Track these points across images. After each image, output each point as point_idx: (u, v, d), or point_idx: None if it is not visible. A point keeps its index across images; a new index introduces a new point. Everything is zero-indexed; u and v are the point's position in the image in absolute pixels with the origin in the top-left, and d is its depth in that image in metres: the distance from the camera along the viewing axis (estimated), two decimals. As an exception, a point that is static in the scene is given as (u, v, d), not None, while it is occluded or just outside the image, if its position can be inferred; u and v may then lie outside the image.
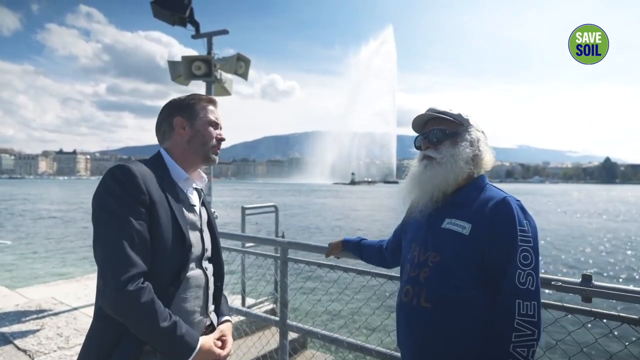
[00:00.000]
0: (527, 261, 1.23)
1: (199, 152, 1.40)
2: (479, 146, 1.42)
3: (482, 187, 1.39)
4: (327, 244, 2.18)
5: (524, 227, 1.25)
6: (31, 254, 13.02)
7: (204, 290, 1.37)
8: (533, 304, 1.20)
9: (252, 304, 4.33)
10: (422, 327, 1.34)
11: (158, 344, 1.17)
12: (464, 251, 1.29)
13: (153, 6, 4.90)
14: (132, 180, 1.20)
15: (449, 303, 1.29)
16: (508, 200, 1.29)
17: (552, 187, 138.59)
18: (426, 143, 1.45)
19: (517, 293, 1.20)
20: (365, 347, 2.24)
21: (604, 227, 22.33)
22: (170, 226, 1.24)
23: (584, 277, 1.55)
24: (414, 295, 1.37)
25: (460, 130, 1.42)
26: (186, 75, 4.97)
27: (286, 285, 2.60)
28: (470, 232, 1.29)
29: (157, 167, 1.33)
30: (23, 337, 3.52)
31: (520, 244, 1.23)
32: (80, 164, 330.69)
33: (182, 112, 1.40)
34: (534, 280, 1.22)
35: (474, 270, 1.28)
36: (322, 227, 21.04)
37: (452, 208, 1.37)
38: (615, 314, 1.53)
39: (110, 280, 1.11)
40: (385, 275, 2.20)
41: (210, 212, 1.53)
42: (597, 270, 11.58)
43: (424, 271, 1.36)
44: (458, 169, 1.38)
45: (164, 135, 1.42)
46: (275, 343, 3.22)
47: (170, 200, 1.27)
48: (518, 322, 1.18)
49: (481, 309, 1.26)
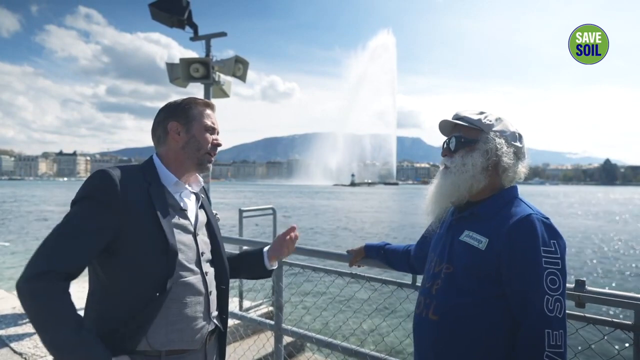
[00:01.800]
0: (555, 285, 1.15)
1: (193, 157, 1.39)
2: (498, 154, 1.30)
3: (508, 201, 1.30)
4: (346, 251, 2.07)
5: (550, 248, 1.17)
6: (29, 256, 12.99)
7: (204, 295, 1.36)
8: (561, 333, 1.13)
9: (249, 306, 4.32)
10: (428, 340, 1.31)
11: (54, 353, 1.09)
12: (477, 265, 1.24)
13: (151, 8, 4.90)
14: (107, 186, 1.20)
15: (456, 317, 1.25)
16: (532, 218, 1.20)
17: (552, 189, 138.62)
18: (445, 150, 1.40)
19: (546, 322, 1.13)
20: (360, 351, 2.23)
21: (598, 230, 22.31)
22: (151, 230, 1.23)
23: (577, 282, 1.54)
24: (424, 307, 1.34)
25: (480, 137, 1.32)
26: (184, 78, 4.98)
27: (281, 289, 2.59)
28: (487, 247, 1.23)
29: (147, 172, 1.33)
30: (19, 340, 3.50)
31: (546, 266, 1.15)
32: (81, 166, 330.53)
33: (177, 116, 1.38)
34: (561, 307, 1.15)
35: (486, 286, 1.23)
36: (322, 230, 21.03)
37: (473, 220, 1.31)
38: (608, 319, 1.52)
39: (26, 267, 1.11)
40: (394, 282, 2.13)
41: (211, 214, 1.52)
42: (588, 272, 11.59)
43: (436, 283, 1.33)
44: (470, 178, 1.30)
45: (159, 140, 1.41)
46: (270, 347, 3.20)
47: (155, 204, 1.26)
48: (548, 354, 1.11)
49: (492, 326, 1.21)
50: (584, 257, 14.17)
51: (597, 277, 11.26)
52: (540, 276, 1.15)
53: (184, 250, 1.31)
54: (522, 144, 1.37)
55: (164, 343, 1.25)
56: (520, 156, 1.36)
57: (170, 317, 1.25)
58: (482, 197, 1.34)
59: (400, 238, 18.18)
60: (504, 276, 1.20)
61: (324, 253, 2.37)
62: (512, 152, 1.32)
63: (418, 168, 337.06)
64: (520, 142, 1.36)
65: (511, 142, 1.33)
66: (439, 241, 1.41)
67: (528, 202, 1.30)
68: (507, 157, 1.31)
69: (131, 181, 1.25)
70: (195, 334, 1.32)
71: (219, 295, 1.45)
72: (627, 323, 1.48)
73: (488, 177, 1.32)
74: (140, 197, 1.24)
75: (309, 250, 2.46)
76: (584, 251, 15.42)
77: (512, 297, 1.20)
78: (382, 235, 19.27)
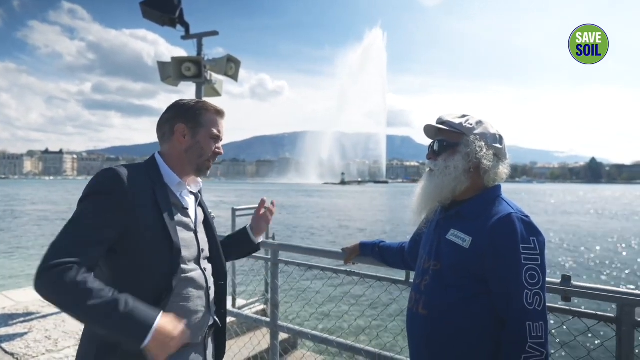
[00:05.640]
0: (534, 280, 1.20)
1: (193, 162, 1.41)
2: (477, 157, 1.35)
3: (491, 200, 1.35)
4: (341, 249, 2.11)
5: (529, 245, 1.22)
6: (19, 256, 12.81)
7: (205, 290, 1.40)
8: (541, 324, 1.19)
9: (243, 304, 4.34)
10: (418, 334, 1.37)
11: (101, 327, 1.09)
12: (462, 263, 1.29)
13: (142, 7, 4.87)
14: (115, 184, 1.22)
15: (444, 311, 1.30)
16: (512, 217, 1.25)
17: (539, 187, 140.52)
18: (429, 154, 1.46)
19: (527, 315, 1.19)
20: (355, 347, 2.28)
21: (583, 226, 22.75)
22: (156, 227, 1.26)
23: (563, 277, 1.60)
24: (415, 303, 1.40)
25: (461, 140, 1.38)
26: (176, 76, 4.96)
27: (277, 287, 2.62)
28: (471, 245, 1.28)
29: (151, 171, 1.35)
30: (10, 340, 3.48)
31: (525, 262, 1.20)
32: (67, 164, 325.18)
33: (186, 119, 1.39)
34: (541, 300, 1.20)
35: (471, 282, 1.28)
36: (314, 228, 21.06)
37: (458, 219, 1.37)
38: (592, 312, 1.59)
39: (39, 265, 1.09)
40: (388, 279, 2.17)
41: (208, 212, 1.55)
42: (572, 266, 11.83)
43: (425, 279, 1.39)
44: (452, 180, 1.36)
45: (163, 137, 1.42)
46: (266, 344, 3.24)
47: (160, 203, 1.29)
48: (530, 345, 1.17)
49: (478, 321, 1.27)
50: (569, 253, 14.46)
51: (582, 272, 11.51)
52: (520, 272, 1.20)
53: (186, 247, 1.34)
54: (503, 145, 1.41)
55: None
56: (501, 157, 1.40)
57: (172, 311, 1.28)
58: (467, 197, 1.39)
59: (393, 235, 18.30)
60: (487, 273, 1.26)
61: (319, 251, 2.40)
62: (492, 154, 1.37)
63: (408, 167, 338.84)
64: (500, 143, 1.40)
65: (491, 144, 1.38)
66: (428, 239, 1.47)
67: (510, 201, 1.34)
68: (487, 160, 1.36)
69: (137, 180, 1.27)
70: (195, 327, 1.36)
71: (217, 291, 1.49)
72: (610, 316, 1.55)
73: (470, 179, 1.37)
74: (145, 196, 1.27)
75: (305, 248, 2.51)
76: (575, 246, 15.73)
77: (495, 293, 1.25)
78: (375, 233, 19.37)
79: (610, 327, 1.55)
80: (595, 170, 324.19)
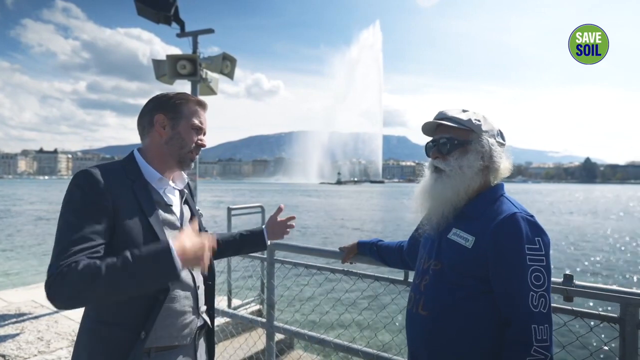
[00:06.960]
0: (540, 282, 1.17)
1: (174, 154, 1.36)
2: (491, 155, 1.32)
3: (495, 199, 1.31)
4: (339, 248, 2.08)
5: (534, 245, 1.18)
6: (10, 256, 12.68)
7: (193, 290, 1.35)
8: (546, 327, 1.16)
9: (239, 305, 4.30)
10: (418, 335, 1.34)
11: (130, 286, 1.08)
12: (464, 263, 1.26)
13: (137, 4, 4.81)
14: (93, 186, 1.17)
15: (445, 312, 1.27)
16: (516, 217, 1.21)
17: (534, 187, 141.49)
18: (435, 152, 1.37)
19: (532, 318, 1.15)
20: (352, 347, 2.25)
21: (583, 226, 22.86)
22: (140, 227, 1.21)
23: (565, 277, 1.57)
24: (414, 303, 1.37)
25: (471, 137, 1.32)
26: (171, 75, 4.90)
27: (273, 287, 2.58)
28: (474, 245, 1.25)
29: (129, 168, 1.31)
30: (2, 341, 3.41)
31: (530, 263, 1.17)
32: (62, 164, 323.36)
33: (165, 110, 1.34)
34: (546, 302, 1.17)
35: (473, 282, 1.25)
36: (311, 227, 21.02)
37: (461, 219, 1.32)
38: (595, 312, 1.56)
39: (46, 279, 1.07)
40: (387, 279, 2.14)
41: (195, 210, 1.51)
42: (572, 266, 11.86)
43: (425, 279, 1.35)
44: (468, 180, 1.31)
45: (143, 131, 1.37)
46: (261, 344, 3.20)
47: (141, 201, 1.25)
48: (535, 349, 1.14)
49: (479, 321, 1.24)
50: (573, 252, 14.51)
51: (585, 271, 11.54)
52: (525, 273, 1.17)
53: None
54: (505, 140, 1.39)
55: (152, 340, 1.23)
56: (507, 153, 1.38)
57: (161, 312, 1.24)
58: (469, 196, 1.34)
59: (390, 235, 18.31)
60: (491, 273, 1.22)
61: (317, 250, 2.37)
62: (502, 151, 1.35)
63: (404, 166, 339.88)
64: (504, 139, 1.38)
65: (500, 140, 1.35)
66: (429, 238, 1.43)
67: (513, 200, 1.31)
68: (499, 157, 1.33)
69: (114, 179, 1.22)
70: (183, 329, 1.31)
71: (206, 291, 1.45)
72: (613, 316, 1.53)
73: (482, 177, 1.34)
74: (125, 195, 1.22)
75: (302, 247, 2.47)
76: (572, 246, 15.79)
77: (498, 294, 1.22)
78: (372, 232, 19.36)
79: (613, 328, 1.53)
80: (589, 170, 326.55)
